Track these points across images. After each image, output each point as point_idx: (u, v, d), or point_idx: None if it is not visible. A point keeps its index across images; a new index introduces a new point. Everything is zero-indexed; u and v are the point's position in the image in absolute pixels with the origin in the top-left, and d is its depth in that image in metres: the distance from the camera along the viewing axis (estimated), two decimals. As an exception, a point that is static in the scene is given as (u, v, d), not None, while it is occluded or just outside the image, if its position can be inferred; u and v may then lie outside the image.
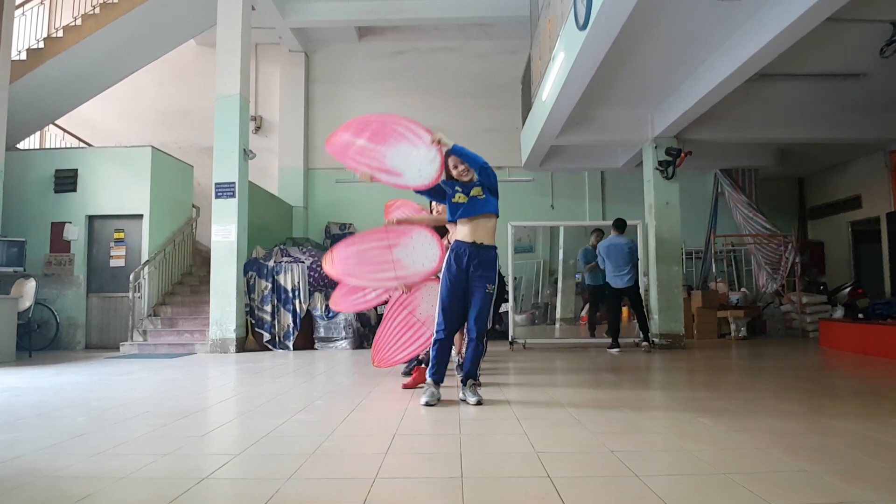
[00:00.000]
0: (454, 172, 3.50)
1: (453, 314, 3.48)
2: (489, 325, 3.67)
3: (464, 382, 3.50)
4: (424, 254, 3.94)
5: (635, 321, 6.94)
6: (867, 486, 1.91)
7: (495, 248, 3.56)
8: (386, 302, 4.40)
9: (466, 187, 3.47)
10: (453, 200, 3.49)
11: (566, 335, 7.72)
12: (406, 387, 4.01)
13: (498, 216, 3.58)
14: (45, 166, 8.09)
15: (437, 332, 3.50)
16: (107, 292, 8.05)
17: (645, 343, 6.58)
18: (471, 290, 3.48)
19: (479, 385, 3.56)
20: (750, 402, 3.47)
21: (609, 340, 6.59)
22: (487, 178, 3.47)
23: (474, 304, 3.47)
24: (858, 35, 5.24)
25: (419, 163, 3.54)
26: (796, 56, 5.21)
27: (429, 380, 3.48)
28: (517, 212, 8.91)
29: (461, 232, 3.51)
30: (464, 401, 3.43)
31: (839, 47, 5.51)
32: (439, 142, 3.47)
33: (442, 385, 3.52)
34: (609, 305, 6.87)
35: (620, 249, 6.58)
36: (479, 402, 3.37)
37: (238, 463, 2.27)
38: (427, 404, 3.33)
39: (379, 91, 10.86)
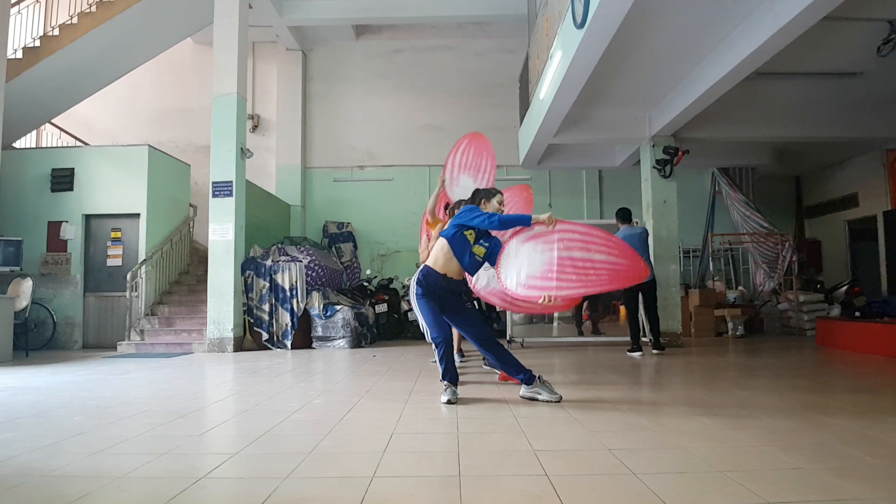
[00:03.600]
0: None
1: (439, 319, 3.56)
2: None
3: (528, 383, 3.53)
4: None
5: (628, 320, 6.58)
6: (863, 483, 1.92)
7: (462, 281, 3.72)
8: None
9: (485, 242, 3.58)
10: (473, 250, 3.53)
11: (564, 334, 7.71)
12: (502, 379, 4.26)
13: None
14: (41, 165, 8.06)
15: (436, 343, 3.57)
16: (104, 292, 8.03)
17: (656, 350, 6.07)
18: (453, 313, 3.61)
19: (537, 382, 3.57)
20: (747, 401, 3.48)
21: (597, 337, 6.44)
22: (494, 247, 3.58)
23: (466, 323, 3.64)
24: (855, 33, 5.25)
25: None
26: (793, 55, 5.21)
27: (445, 382, 3.55)
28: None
29: (437, 261, 3.57)
30: (534, 400, 3.46)
31: (836, 46, 5.52)
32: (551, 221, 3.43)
33: (455, 384, 3.58)
34: (626, 302, 6.42)
35: (637, 240, 5.97)
36: (559, 399, 3.41)
37: (235, 462, 2.27)
38: (449, 402, 3.42)
39: (376, 90, 10.85)
